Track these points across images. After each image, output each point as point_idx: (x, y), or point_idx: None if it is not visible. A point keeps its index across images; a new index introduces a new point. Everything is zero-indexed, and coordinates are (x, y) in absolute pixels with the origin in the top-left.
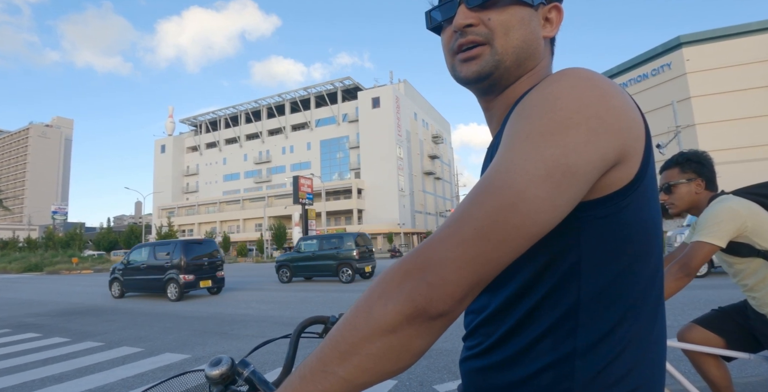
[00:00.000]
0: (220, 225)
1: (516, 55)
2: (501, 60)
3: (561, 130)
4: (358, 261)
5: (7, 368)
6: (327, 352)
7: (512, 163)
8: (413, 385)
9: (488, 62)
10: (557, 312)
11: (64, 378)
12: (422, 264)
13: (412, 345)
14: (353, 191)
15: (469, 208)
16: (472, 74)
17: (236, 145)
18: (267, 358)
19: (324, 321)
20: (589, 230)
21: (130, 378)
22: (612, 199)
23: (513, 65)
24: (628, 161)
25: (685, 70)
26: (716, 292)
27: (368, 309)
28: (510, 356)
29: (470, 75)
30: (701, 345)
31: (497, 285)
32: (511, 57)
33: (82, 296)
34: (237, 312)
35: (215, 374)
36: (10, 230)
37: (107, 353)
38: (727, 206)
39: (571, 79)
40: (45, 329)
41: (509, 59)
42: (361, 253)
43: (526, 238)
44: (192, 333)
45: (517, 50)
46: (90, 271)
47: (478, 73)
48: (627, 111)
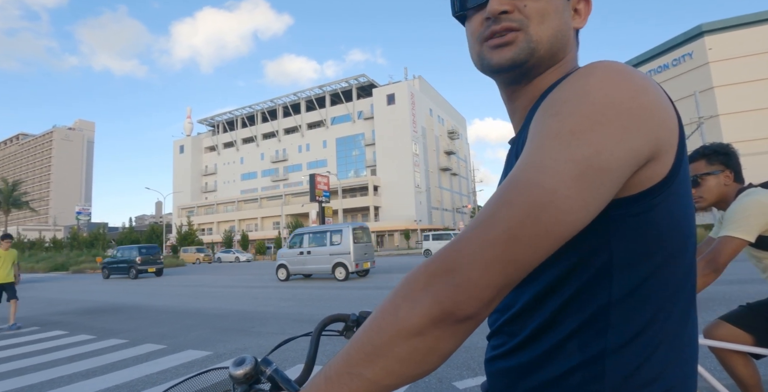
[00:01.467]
0: (238, 224)
1: (550, 44)
2: (536, 48)
3: (593, 127)
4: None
5: (37, 364)
6: (353, 354)
7: (542, 161)
8: (432, 382)
9: (523, 49)
10: (586, 312)
11: (91, 374)
12: (449, 266)
13: (438, 348)
14: (369, 188)
15: (497, 208)
16: (506, 61)
17: (253, 144)
18: (287, 355)
19: (344, 319)
20: (620, 229)
21: (154, 374)
22: (645, 197)
23: (546, 54)
24: (661, 157)
25: (707, 60)
26: (742, 287)
27: (394, 311)
28: (538, 356)
29: (503, 62)
30: (729, 343)
31: (524, 283)
32: (545, 46)
33: (106, 294)
34: (257, 309)
35: (239, 373)
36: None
37: (132, 350)
38: (756, 199)
39: (603, 73)
40: (71, 326)
41: (543, 48)
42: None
43: (557, 239)
44: (213, 330)
45: (551, 39)
46: None
47: (512, 60)
48: (660, 105)
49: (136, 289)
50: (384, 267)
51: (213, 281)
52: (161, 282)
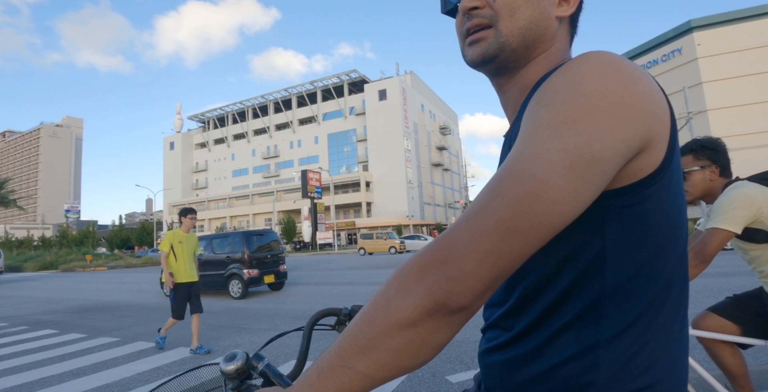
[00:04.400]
0: (230, 221)
1: (522, 37)
2: (506, 42)
3: (584, 116)
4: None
5: (27, 364)
6: (345, 347)
7: (534, 152)
8: (425, 376)
9: (492, 45)
10: (581, 304)
11: (82, 373)
12: (442, 258)
13: (432, 340)
14: (361, 184)
15: (489, 199)
16: (477, 57)
17: (244, 140)
18: (280, 351)
19: (336, 313)
20: (612, 220)
21: (145, 372)
22: (637, 188)
23: (520, 47)
24: (653, 148)
25: (696, 55)
26: (729, 280)
27: (386, 303)
28: (532, 349)
29: (475, 58)
30: (717, 333)
31: (517, 276)
32: (516, 39)
33: (97, 293)
34: (249, 306)
35: (230, 369)
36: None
37: (123, 348)
38: (742, 192)
39: (594, 63)
40: (62, 325)
41: (515, 41)
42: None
43: (549, 229)
44: (205, 327)
45: (523, 31)
46: (103, 268)
47: (482, 55)
48: (653, 96)
49: (125, 287)
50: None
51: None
52: (150, 278)
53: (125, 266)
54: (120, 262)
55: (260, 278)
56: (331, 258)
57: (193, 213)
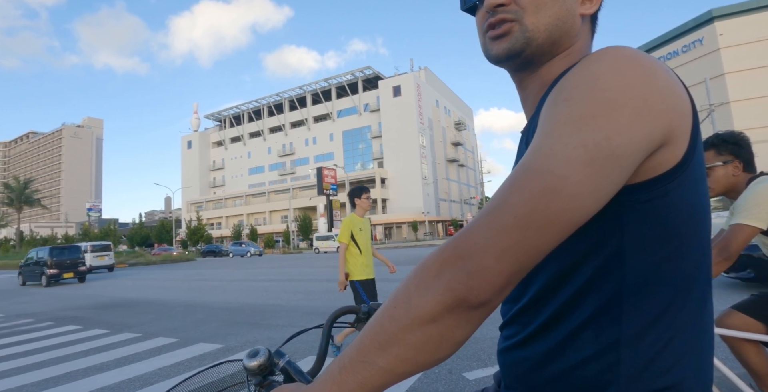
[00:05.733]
0: (247, 218)
1: (548, 33)
2: (531, 37)
3: (603, 112)
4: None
5: (53, 358)
6: (366, 343)
7: (552, 147)
8: (442, 373)
9: (518, 39)
10: (599, 300)
11: (105, 367)
12: (461, 253)
13: (452, 335)
14: (377, 181)
15: (508, 195)
16: (502, 51)
17: (260, 138)
18: (298, 347)
19: (356, 311)
20: (631, 215)
21: (167, 367)
22: (657, 182)
23: (546, 43)
24: (674, 142)
25: (718, 46)
26: None
27: (407, 299)
28: (551, 347)
29: (501, 52)
30: (741, 331)
31: (535, 272)
32: (543, 34)
33: (118, 289)
34: (267, 302)
35: (253, 365)
36: (49, 227)
37: (144, 343)
38: (767, 187)
39: (613, 57)
40: (85, 321)
41: (541, 37)
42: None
43: (568, 225)
44: (223, 323)
45: (549, 27)
46: (125, 265)
47: (508, 50)
48: (672, 90)
49: (147, 284)
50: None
51: (222, 275)
52: (170, 275)
53: (146, 263)
54: (140, 259)
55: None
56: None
57: (368, 192)
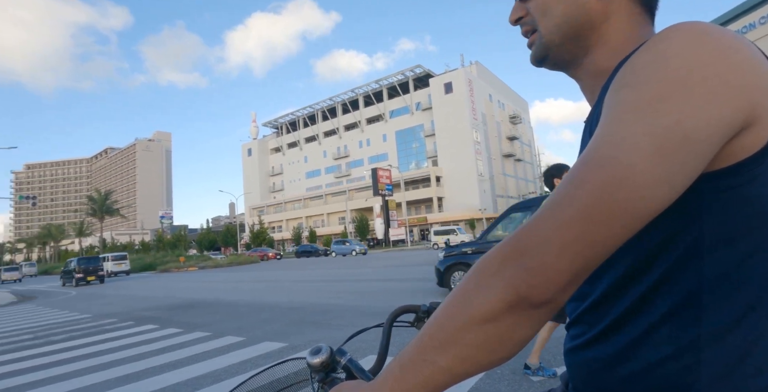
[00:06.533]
0: (306, 221)
1: (561, 32)
2: (547, 41)
3: (673, 94)
4: None
5: (134, 355)
6: (426, 341)
7: (617, 135)
8: (505, 373)
9: (538, 47)
10: (675, 297)
11: (179, 364)
12: (522, 249)
13: (513, 335)
14: (432, 179)
15: (571, 187)
16: (533, 60)
17: (315, 142)
18: (359, 346)
19: (415, 310)
20: (711, 204)
21: (234, 364)
22: (740, 168)
23: (565, 41)
24: (759, 123)
25: None
26: None
27: (466, 298)
28: (622, 347)
29: (532, 60)
30: None
31: (602, 267)
32: (556, 35)
33: (188, 291)
34: (329, 302)
35: (316, 362)
36: (127, 235)
37: (214, 342)
38: None
39: (682, 34)
40: (161, 321)
41: (556, 37)
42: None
43: (638, 217)
44: (288, 323)
45: (559, 26)
46: (195, 268)
47: (535, 57)
48: (755, 66)
49: (215, 286)
50: None
51: (283, 276)
52: (237, 277)
53: (214, 266)
54: (209, 263)
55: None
56: (404, 254)
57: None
